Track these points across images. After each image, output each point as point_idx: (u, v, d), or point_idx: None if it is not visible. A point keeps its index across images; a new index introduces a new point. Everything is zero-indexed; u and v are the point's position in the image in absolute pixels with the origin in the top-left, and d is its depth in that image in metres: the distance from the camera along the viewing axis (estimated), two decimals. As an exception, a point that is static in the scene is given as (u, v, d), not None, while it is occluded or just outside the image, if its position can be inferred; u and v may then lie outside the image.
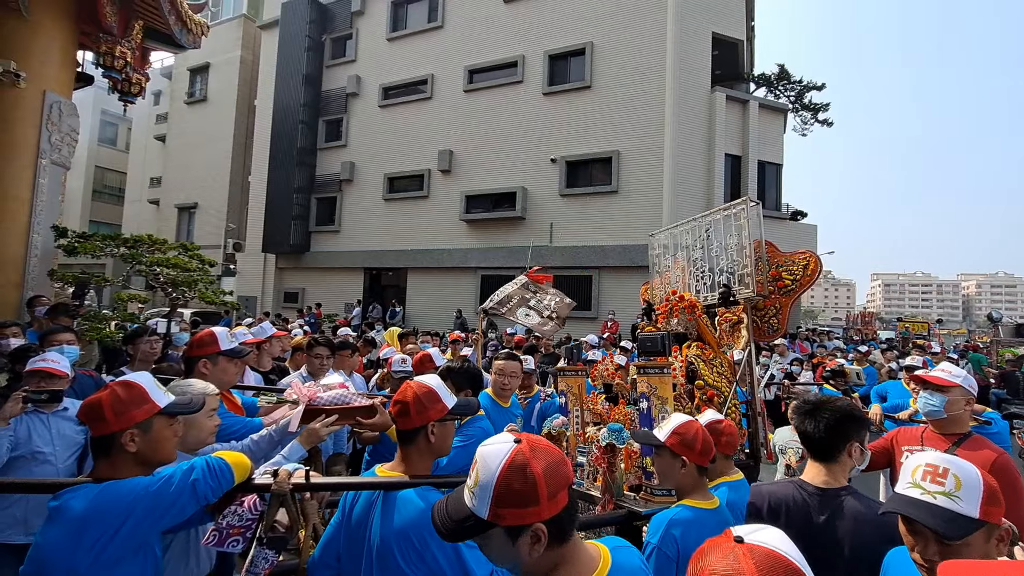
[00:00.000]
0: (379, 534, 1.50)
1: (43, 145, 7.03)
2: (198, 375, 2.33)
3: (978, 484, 1.20)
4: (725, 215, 3.29)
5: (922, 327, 24.09)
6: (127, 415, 1.46)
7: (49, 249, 7.20)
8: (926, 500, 1.22)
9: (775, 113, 16.16)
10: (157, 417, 1.52)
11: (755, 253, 3.08)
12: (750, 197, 3.19)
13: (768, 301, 3.13)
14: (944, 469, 1.23)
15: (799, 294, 3.08)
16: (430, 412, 1.62)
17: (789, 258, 3.13)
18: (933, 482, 1.22)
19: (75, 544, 1.30)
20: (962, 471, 1.22)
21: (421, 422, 1.61)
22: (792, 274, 3.06)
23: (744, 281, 3.09)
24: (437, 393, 1.66)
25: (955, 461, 1.25)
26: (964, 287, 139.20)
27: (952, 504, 1.18)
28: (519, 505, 0.96)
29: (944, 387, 2.51)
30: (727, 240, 3.25)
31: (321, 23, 20.25)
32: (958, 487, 1.20)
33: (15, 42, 6.77)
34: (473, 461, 1.03)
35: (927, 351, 9.15)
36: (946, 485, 1.20)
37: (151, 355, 3.89)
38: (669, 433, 1.93)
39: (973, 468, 1.23)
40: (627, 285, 14.14)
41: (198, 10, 9.04)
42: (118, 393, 1.48)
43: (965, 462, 1.25)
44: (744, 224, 3.11)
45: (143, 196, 26.54)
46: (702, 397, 2.80)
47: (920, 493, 1.23)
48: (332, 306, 18.31)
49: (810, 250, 3.06)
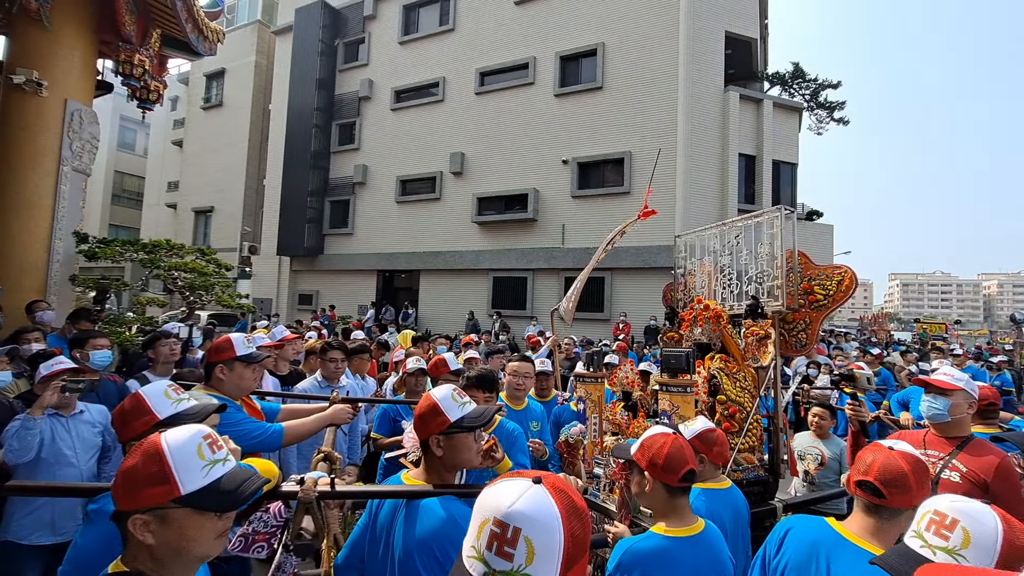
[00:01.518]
0: (402, 542, 1.51)
1: (64, 152, 7.16)
2: (215, 381, 2.36)
3: (995, 544, 0.99)
4: (757, 221, 3.16)
5: (940, 328, 23.65)
6: (129, 427, 1.54)
7: (71, 255, 7.33)
8: (924, 555, 1.02)
9: (790, 112, 15.96)
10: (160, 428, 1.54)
11: (787, 264, 2.95)
12: (785, 205, 3.07)
13: (798, 315, 2.99)
14: (952, 521, 1.03)
15: (831, 310, 2.92)
16: (430, 426, 1.64)
17: (823, 271, 2.96)
18: (936, 534, 1.03)
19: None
20: (976, 527, 1.01)
21: (424, 436, 1.65)
22: (825, 289, 2.91)
23: (773, 293, 2.98)
24: (439, 406, 1.65)
25: (971, 511, 1.03)
26: (985, 287, 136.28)
27: (952, 562, 0.99)
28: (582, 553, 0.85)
29: (947, 391, 2.47)
30: (757, 248, 3.13)
31: (334, 28, 20.43)
32: (965, 544, 1.00)
33: (37, 52, 6.92)
34: (495, 532, 0.81)
35: (948, 353, 8.96)
36: (950, 540, 1.01)
37: (172, 357, 3.95)
38: (637, 447, 1.81)
39: (993, 521, 1.02)
40: (639, 287, 14.06)
41: (214, 17, 9.16)
42: (124, 406, 1.57)
43: (985, 511, 1.04)
44: (777, 232, 2.99)
45: (161, 200, 26.98)
46: (723, 412, 2.75)
47: (919, 545, 1.04)
48: (346, 308, 18.45)
49: (846, 265, 2.92)
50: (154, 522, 1.04)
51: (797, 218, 10.06)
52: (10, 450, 2.55)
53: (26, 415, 2.61)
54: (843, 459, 3.74)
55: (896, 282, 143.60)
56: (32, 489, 1.81)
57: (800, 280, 2.98)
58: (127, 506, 1.08)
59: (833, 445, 3.89)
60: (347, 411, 2.61)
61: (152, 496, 1.03)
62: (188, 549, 1.07)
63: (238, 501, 1.10)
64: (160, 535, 1.04)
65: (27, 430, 2.57)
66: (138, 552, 1.06)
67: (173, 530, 1.05)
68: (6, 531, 2.56)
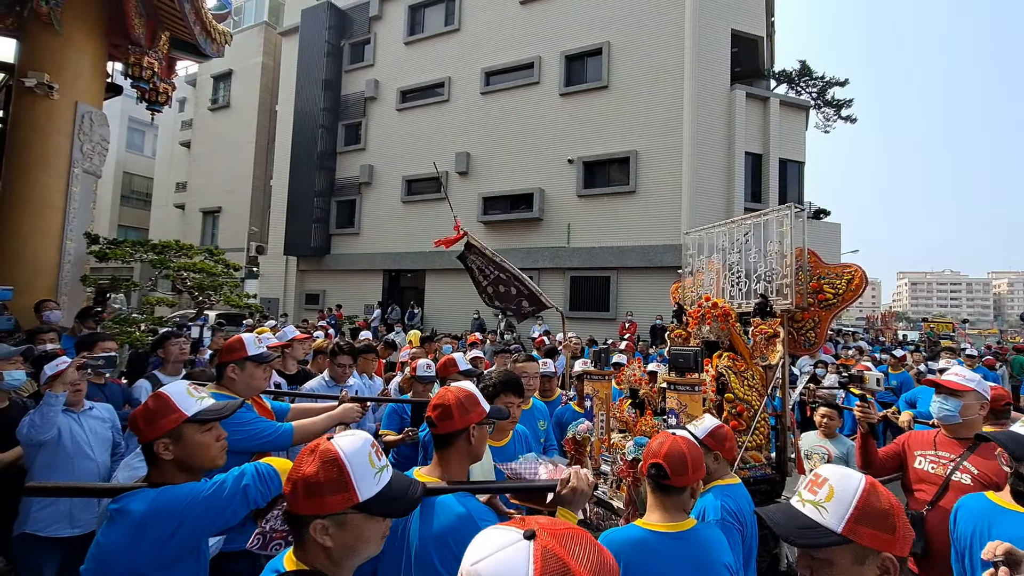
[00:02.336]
0: (418, 538, 1.53)
1: (75, 154, 7.25)
2: (227, 380, 2.40)
3: (852, 499, 1.10)
4: (767, 219, 3.13)
5: (946, 327, 23.35)
6: (155, 425, 1.52)
7: (81, 255, 7.42)
8: (796, 507, 1.17)
9: (797, 110, 15.87)
10: (187, 425, 1.55)
11: (796, 262, 2.92)
12: (796, 203, 3.04)
13: (807, 314, 2.97)
14: (824, 479, 1.16)
15: (840, 309, 2.90)
16: (471, 415, 1.66)
17: (832, 270, 2.91)
18: (809, 491, 1.16)
19: (135, 544, 1.35)
20: (841, 484, 1.13)
21: (463, 425, 1.65)
22: (835, 288, 2.88)
23: (783, 291, 2.96)
24: (476, 396, 1.70)
25: (845, 474, 1.16)
26: (995, 285, 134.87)
27: (814, 513, 1.12)
28: None
29: (958, 391, 2.45)
30: (767, 246, 3.11)
31: (340, 29, 20.51)
32: (829, 498, 1.12)
33: (49, 55, 7.00)
34: None
35: (959, 353, 8.81)
36: (818, 494, 1.14)
37: (182, 356, 4.00)
38: None
39: (859, 484, 1.12)
40: (645, 286, 14.03)
41: (221, 19, 9.23)
42: (148, 404, 1.56)
43: (855, 475, 1.15)
44: (787, 230, 2.95)
45: (169, 201, 27.20)
46: (731, 411, 2.74)
47: (796, 500, 1.19)
48: (352, 307, 18.53)
49: (856, 264, 2.89)
50: (332, 526, 1.10)
51: (804, 217, 9.91)
52: (32, 426, 2.58)
53: (48, 391, 2.64)
54: (851, 459, 3.73)
55: (904, 281, 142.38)
56: (52, 490, 1.82)
57: (809, 279, 2.95)
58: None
59: (840, 444, 3.88)
60: (356, 410, 2.64)
61: (334, 503, 1.09)
62: (361, 551, 1.14)
63: (409, 507, 1.19)
64: (338, 538, 1.10)
65: (49, 406, 2.60)
66: (316, 552, 1.12)
67: (350, 534, 1.11)
68: (24, 523, 2.60)
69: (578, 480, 1.55)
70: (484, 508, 1.57)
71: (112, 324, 6.90)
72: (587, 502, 1.74)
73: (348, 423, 2.61)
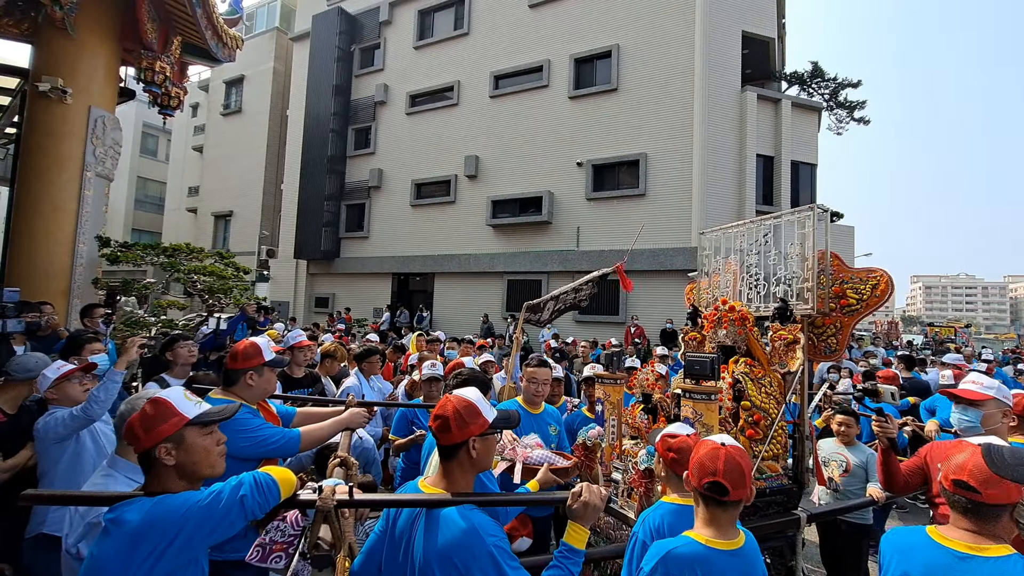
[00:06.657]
0: (422, 552, 1.48)
1: (88, 158, 7.32)
2: (243, 386, 2.36)
3: None
4: (788, 220, 3.01)
5: (948, 331, 22.76)
6: (156, 430, 1.48)
7: (94, 258, 7.48)
8: None
9: (809, 112, 15.70)
10: (188, 428, 1.52)
11: (818, 265, 2.80)
12: (820, 204, 2.92)
13: (828, 319, 2.84)
14: None
15: (864, 315, 2.75)
16: (471, 427, 1.58)
17: (856, 275, 2.77)
18: None
19: (129, 557, 1.31)
20: None
21: (462, 437, 1.57)
22: (859, 293, 2.75)
23: (803, 296, 2.85)
24: (477, 407, 1.61)
25: None
26: (1012, 289, 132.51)
27: None
28: None
29: (976, 401, 2.34)
30: (787, 248, 2.98)
31: (350, 34, 20.64)
32: None
33: (62, 60, 7.08)
34: None
35: (966, 355, 8.56)
36: None
37: (190, 360, 3.98)
38: None
39: None
40: (654, 289, 13.91)
41: (233, 24, 9.31)
42: (146, 410, 1.51)
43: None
44: (809, 232, 2.82)
45: (182, 205, 27.50)
46: (747, 419, 2.65)
47: None
48: (362, 311, 18.57)
49: (882, 269, 2.76)
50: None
51: (818, 219, 9.74)
52: (95, 402, 2.65)
53: (112, 368, 2.74)
54: (870, 467, 3.62)
55: (918, 284, 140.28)
56: (48, 498, 1.78)
57: (832, 283, 2.84)
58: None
59: (859, 452, 3.77)
60: (363, 415, 2.60)
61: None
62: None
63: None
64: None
65: (114, 383, 2.67)
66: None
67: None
68: (42, 524, 2.57)
69: (590, 494, 1.49)
70: (489, 521, 1.51)
71: (123, 326, 6.94)
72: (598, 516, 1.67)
73: (355, 428, 2.57)
